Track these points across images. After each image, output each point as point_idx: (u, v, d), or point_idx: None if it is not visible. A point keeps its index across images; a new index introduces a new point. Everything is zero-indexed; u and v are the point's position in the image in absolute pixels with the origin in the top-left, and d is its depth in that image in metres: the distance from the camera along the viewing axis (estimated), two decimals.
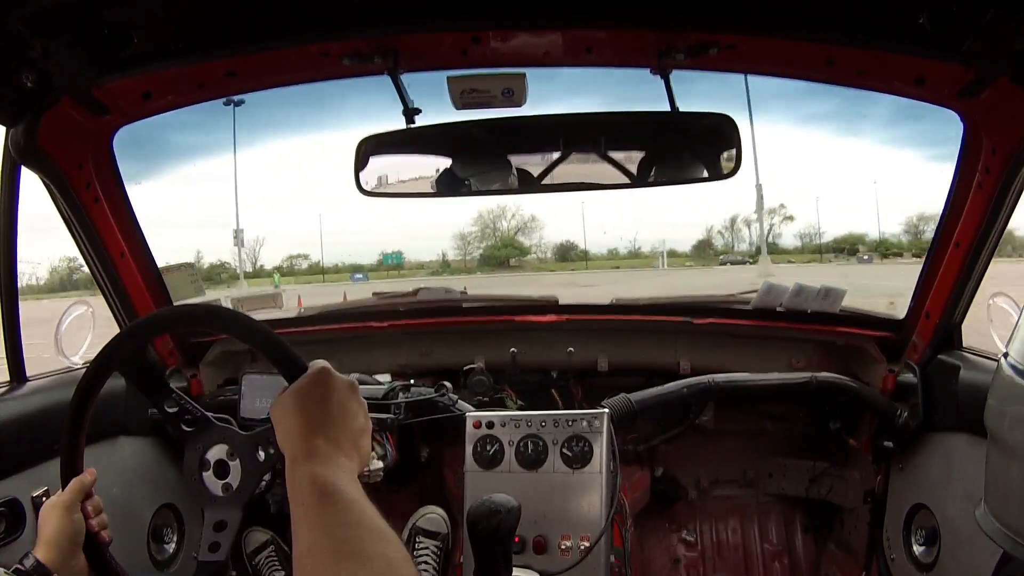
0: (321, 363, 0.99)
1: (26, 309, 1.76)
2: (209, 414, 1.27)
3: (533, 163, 1.76)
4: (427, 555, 2.14)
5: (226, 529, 1.22)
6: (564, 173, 1.74)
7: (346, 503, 0.79)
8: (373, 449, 1.89)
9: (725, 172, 1.66)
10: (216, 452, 1.26)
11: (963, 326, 1.93)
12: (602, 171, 1.73)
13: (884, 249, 37.80)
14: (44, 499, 1.52)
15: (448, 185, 1.75)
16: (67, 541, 1.17)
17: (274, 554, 2.18)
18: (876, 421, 2.08)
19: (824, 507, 2.38)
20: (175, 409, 1.26)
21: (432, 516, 2.20)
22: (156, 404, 1.26)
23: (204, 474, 1.26)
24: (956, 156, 1.69)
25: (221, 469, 1.26)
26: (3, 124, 1.47)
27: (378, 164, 1.74)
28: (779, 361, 2.25)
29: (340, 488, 0.80)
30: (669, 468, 2.38)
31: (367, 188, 1.73)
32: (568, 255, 45.30)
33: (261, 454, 1.26)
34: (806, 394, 2.10)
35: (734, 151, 1.65)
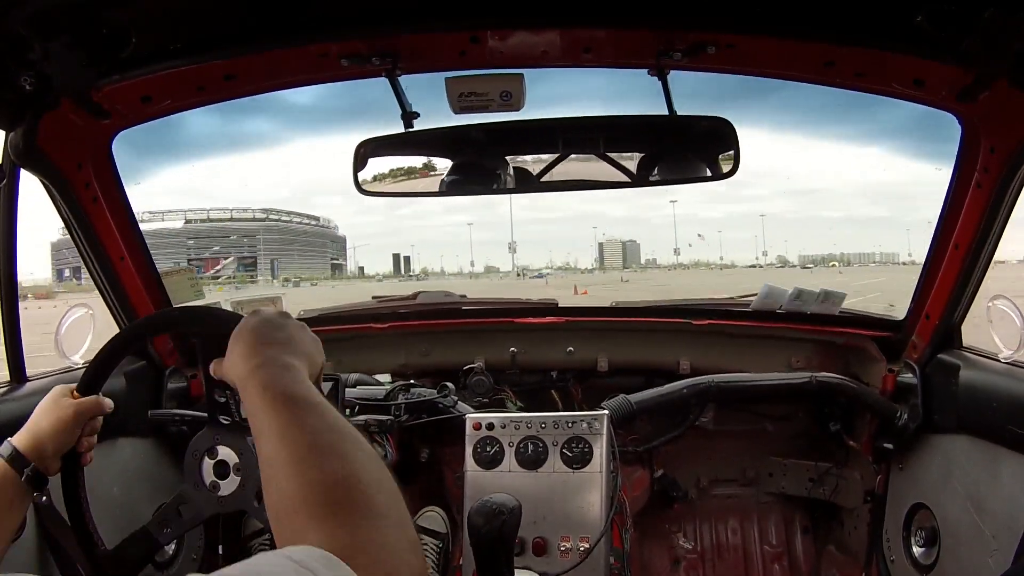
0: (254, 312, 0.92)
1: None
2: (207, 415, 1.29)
3: (532, 163, 1.77)
4: (427, 553, 2.14)
5: (185, 516, 1.25)
6: (563, 172, 1.75)
7: (314, 406, 0.73)
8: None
9: (724, 172, 1.67)
10: (226, 453, 1.27)
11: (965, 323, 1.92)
12: (601, 170, 1.74)
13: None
14: (44, 499, 1.51)
15: (447, 184, 1.76)
16: (55, 443, 1.17)
17: (267, 543, 2.18)
18: (876, 422, 2.08)
19: (824, 508, 2.38)
20: (224, 399, 1.26)
21: (432, 515, 2.20)
22: (213, 388, 1.26)
23: (205, 460, 1.27)
24: (954, 158, 1.70)
25: (221, 469, 1.27)
26: (2, 127, 1.48)
27: (379, 162, 1.76)
28: (779, 361, 2.25)
29: (304, 393, 0.74)
30: (669, 468, 2.38)
31: (366, 188, 1.74)
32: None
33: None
34: (806, 394, 2.10)
35: (732, 152, 1.66)
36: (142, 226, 1.95)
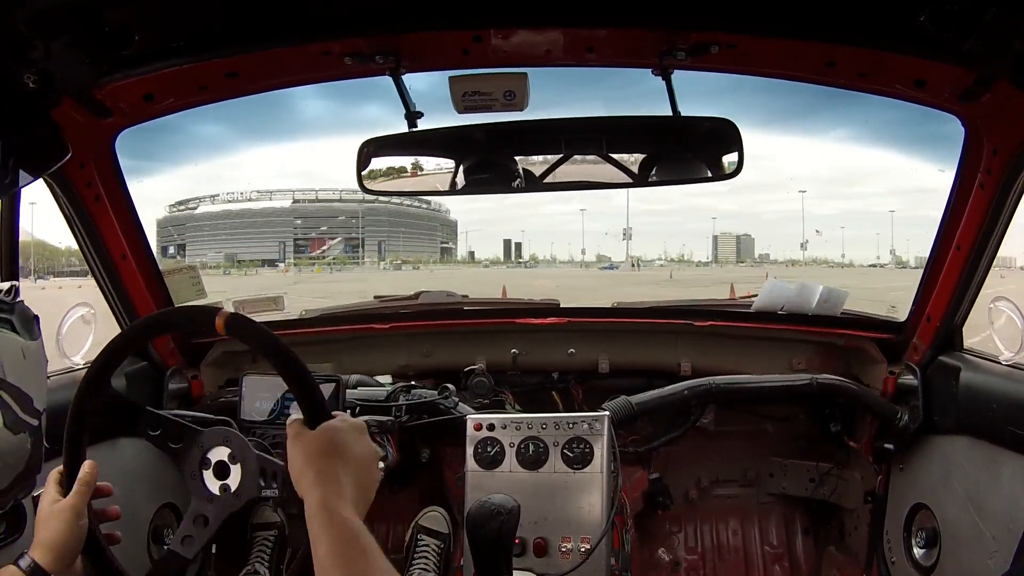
0: (338, 420, 1.06)
1: None
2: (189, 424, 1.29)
3: (535, 163, 1.77)
4: (428, 552, 2.14)
5: (206, 526, 1.25)
6: (566, 172, 1.75)
7: (373, 556, 0.88)
8: None
9: (727, 172, 1.67)
10: (217, 453, 1.27)
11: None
12: (604, 171, 1.74)
13: None
14: None
15: (457, 183, 1.76)
16: (69, 546, 1.15)
17: (272, 539, 2.18)
18: (876, 423, 2.09)
19: (824, 508, 2.38)
20: (158, 431, 1.27)
21: (435, 515, 2.20)
22: (138, 432, 1.27)
23: (204, 473, 1.26)
24: (957, 159, 1.70)
25: (221, 470, 1.27)
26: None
27: (385, 160, 1.77)
28: (780, 362, 2.25)
29: (368, 541, 0.90)
30: (668, 470, 2.38)
31: (369, 186, 1.74)
32: None
33: (262, 457, 1.27)
34: (807, 396, 2.10)
35: (735, 154, 1.66)
36: (249, 205, 1.93)
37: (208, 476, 1.26)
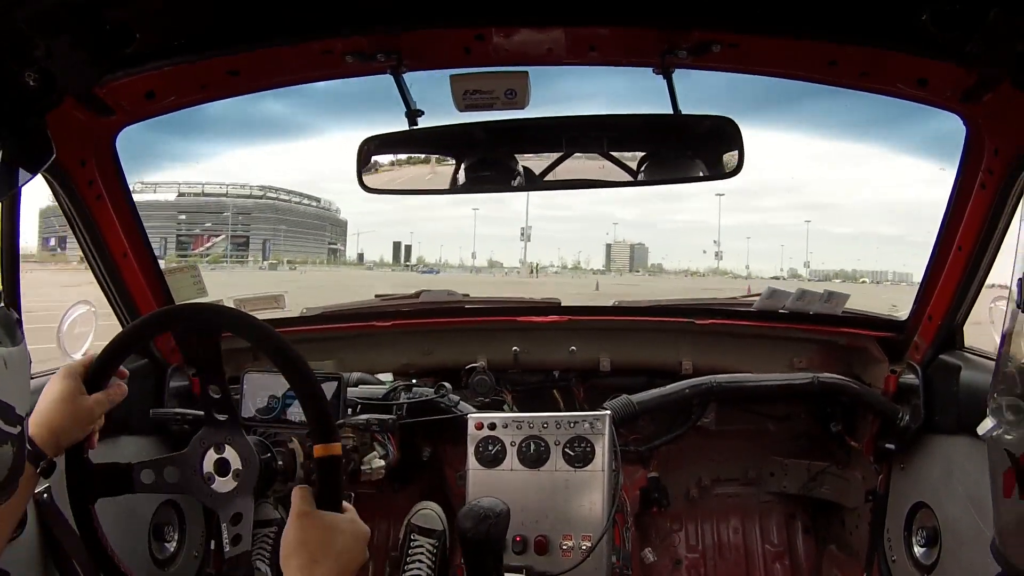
0: (346, 518, 1.10)
1: None
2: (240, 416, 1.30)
3: (535, 162, 1.77)
4: (422, 554, 2.13)
5: (243, 520, 1.25)
6: (566, 171, 1.75)
7: None
8: (374, 448, 1.90)
9: (728, 171, 1.67)
10: (226, 452, 1.27)
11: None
12: (604, 169, 1.74)
13: None
14: (45, 496, 1.51)
15: (456, 182, 1.76)
16: (70, 437, 1.19)
17: (272, 536, 2.18)
18: (877, 422, 2.09)
19: (825, 507, 2.39)
20: (220, 395, 1.28)
21: (427, 512, 2.19)
22: (209, 382, 1.28)
23: (204, 463, 1.27)
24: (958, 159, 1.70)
25: (221, 466, 1.27)
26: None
27: (384, 159, 1.77)
28: (781, 361, 2.25)
29: None
30: (669, 469, 2.38)
31: (370, 185, 1.74)
32: None
33: (261, 457, 1.28)
34: (808, 395, 2.10)
35: (736, 152, 1.66)
36: (135, 198, 1.92)
37: (210, 456, 1.28)
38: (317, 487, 1.10)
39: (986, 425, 1.22)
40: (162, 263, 2.04)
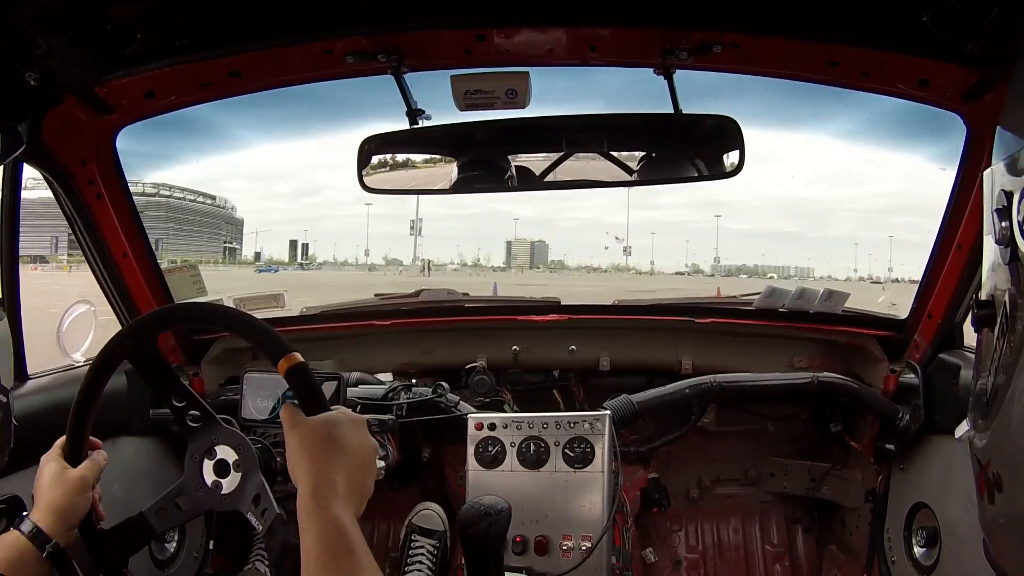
0: (338, 413, 1.06)
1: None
2: (213, 413, 1.29)
3: (535, 161, 1.76)
4: (422, 555, 2.13)
5: (180, 509, 1.26)
6: (566, 171, 1.75)
7: (359, 554, 0.89)
8: None
9: (728, 170, 1.67)
10: (225, 452, 1.27)
11: None
12: (604, 169, 1.74)
13: None
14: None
15: (453, 182, 1.76)
16: (75, 513, 1.18)
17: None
18: (877, 422, 2.09)
19: (825, 507, 2.39)
20: (183, 403, 1.26)
21: (428, 513, 2.19)
22: (164, 397, 1.27)
23: (205, 461, 1.26)
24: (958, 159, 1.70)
25: (221, 468, 1.27)
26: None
27: (383, 158, 1.77)
28: (781, 360, 2.25)
29: (354, 538, 0.90)
30: (669, 469, 2.38)
31: (370, 185, 1.74)
32: None
33: (261, 457, 1.27)
34: (808, 395, 2.10)
35: (737, 152, 1.66)
36: (26, 195, 1.88)
37: (207, 465, 1.26)
38: (297, 398, 1.07)
39: (962, 428, 1.22)
40: (51, 265, 2.01)
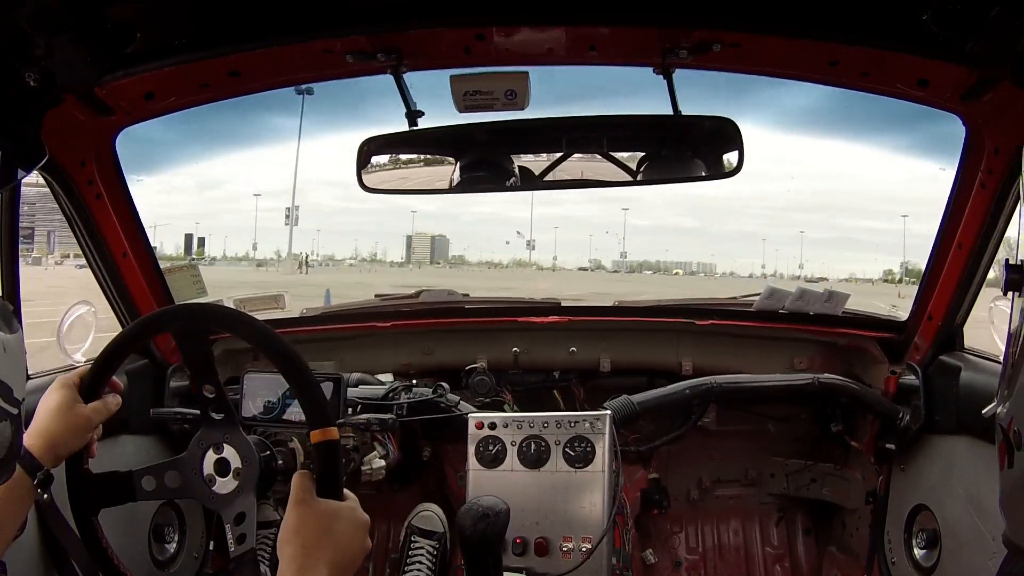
0: (347, 505, 1.09)
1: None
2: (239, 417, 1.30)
3: (535, 162, 1.77)
4: (422, 556, 2.13)
5: (247, 519, 1.24)
6: (566, 170, 1.75)
7: None
8: (375, 448, 1.89)
9: (727, 171, 1.67)
10: (224, 451, 1.27)
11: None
12: (603, 169, 1.74)
13: None
14: (45, 496, 1.51)
15: (454, 182, 1.76)
16: (68, 447, 1.20)
17: (272, 538, 2.17)
18: (878, 423, 2.08)
19: (825, 508, 2.38)
20: (213, 395, 1.27)
21: (427, 514, 2.19)
22: (201, 383, 1.27)
23: (204, 464, 1.26)
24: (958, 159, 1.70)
25: (222, 467, 1.27)
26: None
27: (382, 158, 1.77)
28: (781, 362, 2.25)
29: None
30: (669, 470, 2.38)
31: (369, 185, 1.74)
32: None
33: (261, 455, 1.27)
34: (808, 395, 2.10)
35: (736, 153, 1.66)
36: None
37: (210, 457, 1.27)
38: (316, 474, 1.08)
39: (991, 405, 1.22)
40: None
